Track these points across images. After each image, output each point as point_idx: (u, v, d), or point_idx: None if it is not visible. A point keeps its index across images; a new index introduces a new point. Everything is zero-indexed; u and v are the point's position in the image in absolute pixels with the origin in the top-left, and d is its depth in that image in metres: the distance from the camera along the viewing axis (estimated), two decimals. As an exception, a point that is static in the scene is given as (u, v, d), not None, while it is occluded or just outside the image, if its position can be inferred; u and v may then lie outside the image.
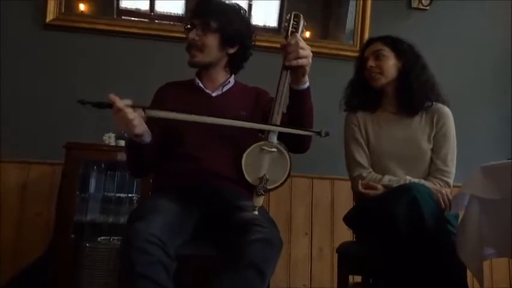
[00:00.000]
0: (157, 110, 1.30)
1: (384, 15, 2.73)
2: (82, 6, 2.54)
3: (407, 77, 1.67)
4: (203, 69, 1.56)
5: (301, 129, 1.30)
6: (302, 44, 1.22)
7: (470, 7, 2.89)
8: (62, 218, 2.00)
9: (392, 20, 2.71)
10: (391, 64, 1.69)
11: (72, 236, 2.03)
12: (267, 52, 2.29)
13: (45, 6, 2.40)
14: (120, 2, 2.64)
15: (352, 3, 2.80)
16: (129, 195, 2.16)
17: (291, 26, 1.26)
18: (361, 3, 2.75)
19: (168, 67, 2.32)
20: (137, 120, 1.22)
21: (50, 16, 2.42)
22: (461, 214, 1.41)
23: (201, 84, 1.55)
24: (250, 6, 2.71)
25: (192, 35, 1.48)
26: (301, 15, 1.28)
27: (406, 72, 1.68)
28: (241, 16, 1.56)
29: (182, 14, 2.61)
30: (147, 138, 1.32)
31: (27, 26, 2.41)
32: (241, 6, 1.58)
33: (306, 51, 1.23)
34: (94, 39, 2.48)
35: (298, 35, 1.25)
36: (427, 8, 2.83)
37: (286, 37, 1.26)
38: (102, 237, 2.11)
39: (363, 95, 1.75)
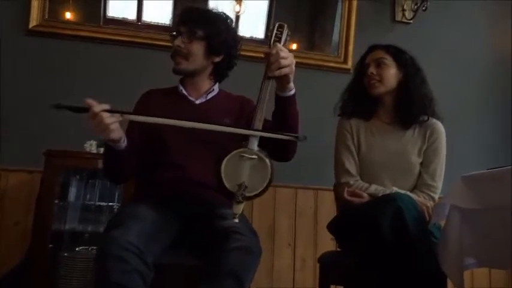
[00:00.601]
0: (135, 114, 1.28)
1: (368, 28, 2.77)
2: (68, 15, 2.52)
3: (408, 88, 1.67)
4: (187, 77, 1.55)
5: (279, 134, 1.28)
6: (283, 53, 1.22)
7: (453, 21, 2.94)
8: (39, 227, 1.96)
9: (377, 32, 2.74)
10: (391, 73, 1.69)
11: (50, 245, 1.99)
12: (252, 62, 2.30)
13: (28, 12, 2.38)
14: (107, 11, 2.62)
15: (337, 16, 2.84)
16: (110, 203, 2.12)
17: (274, 36, 1.26)
18: (346, 16, 2.79)
19: (154, 75, 2.30)
20: (114, 125, 1.21)
21: (33, 22, 2.39)
22: (442, 224, 1.41)
23: (184, 92, 1.54)
24: (237, 17, 2.72)
25: (178, 42, 1.47)
26: (285, 26, 1.28)
27: (406, 84, 1.68)
28: (228, 25, 1.56)
29: (169, 24, 2.60)
30: (123, 144, 1.30)
31: (9, 31, 2.38)
32: (228, 16, 1.59)
33: (288, 59, 1.23)
34: (78, 46, 2.45)
35: (281, 44, 1.25)
36: (411, 21, 2.87)
37: (269, 46, 1.26)
38: (80, 247, 2.06)
39: (359, 101, 1.74)
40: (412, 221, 1.34)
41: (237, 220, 1.16)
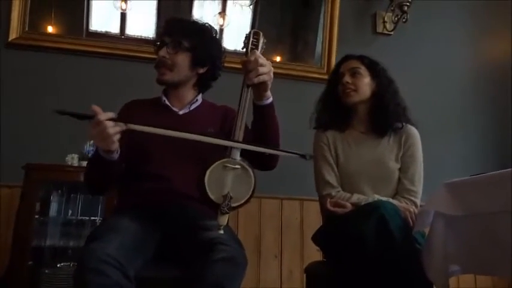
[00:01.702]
0: (139, 124, 1.24)
1: (350, 39, 2.81)
2: (50, 28, 2.50)
3: (383, 98, 1.69)
4: (171, 88, 1.53)
5: (283, 151, 1.27)
6: (262, 60, 1.22)
7: (433, 32, 3.01)
8: (18, 243, 1.90)
9: (358, 44, 2.79)
10: (366, 83, 1.71)
11: (30, 262, 1.93)
12: (236, 74, 2.29)
13: (7, 25, 2.35)
14: (90, 25, 2.61)
15: (319, 28, 2.87)
16: (92, 218, 2.08)
17: (250, 43, 1.25)
18: (329, 27, 2.83)
19: (136, 87, 2.28)
20: (116, 136, 1.18)
21: (12, 35, 2.37)
22: (426, 231, 1.41)
23: (167, 103, 1.52)
24: (221, 30, 2.74)
25: (163, 52, 1.46)
26: (261, 33, 1.27)
27: (380, 93, 1.70)
28: (213, 36, 1.57)
29: (153, 37, 2.60)
30: (116, 155, 1.27)
31: (-12, 44, 2.35)
32: (213, 27, 1.58)
33: (266, 67, 1.22)
34: (59, 58, 2.43)
35: (258, 51, 1.24)
36: (391, 33, 2.92)
37: (246, 54, 1.26)
38: (62, 263, 2.01)
39: (333, 112, 1.75)
40: (395, 228, 1.34)
41: (222, 231, 1.15)
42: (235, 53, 2.72)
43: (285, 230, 2.56)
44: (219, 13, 2.77)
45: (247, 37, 1.27)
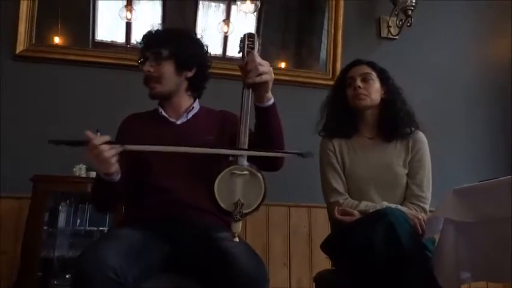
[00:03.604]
0: (136, 145, 1.24)
1: (354, 45, 2.80)
2: (57, 39, 2.52)
3: (394, 105, 1.68)
4: (165, 99, 1.52)
5: (282, 152, 1.26)
6: (260, 60, 1.21)
7: (438, 35, 3.00)
8: (27, 254, 1.91)
9: (363, 48, 2.77)
10: (376, 89, 1.70)
11: (39, 273, 1.94)
12: (240, 81, 2.30)
13: (15, 38, 2.38)
14: (96, 35, 2.63)
15: (324, 34, 2.87)
16: (100, 228, 2.08)
17: (246, 46, 1.25)
18: (333, 33, 2.83)
19: (142, 97, 2.30)
20: (114, 159, 1.18)
21: (20, 47, 2.39)
22: (437, 238, 1.40)
23: (164, 114, 1.51)
24: (226, 38, 2.75)
25: (147, 67, 1.45)
26: (256, 35, 1.26)
27: (390, 100, 1.70)
28: (192, 37, 1.55)
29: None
30: (117, 176, 1.26)
31: (-4, 57, 2.37)
32: (190, 29, 1.57)
33: (266, 67, 1.21)
34: (66, 69, 2.45)
35: (255, 52, 1.23)
36: (396, 37, 2.92)
37: (243, 58, 1.24)
38: (71, 274, 2.01)
39: (340, 117, 1.74)
40: (405, 236, 1.33)
41: (237, 239, 1.13)
42: (240, 60, 2.75)
43: (293, 237, 2.55)
44: (223, 21, 2.78)
45: (242, 40, 1.26)
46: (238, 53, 1.26)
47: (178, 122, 1.50)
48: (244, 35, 1.26)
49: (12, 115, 2.34)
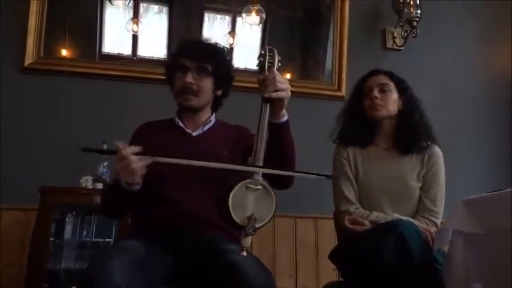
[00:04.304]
0: (165, 157, 1.23)
1: (360, 56, 2.81)
2: (64, 52, 2.55)
3: (412, 117, 1.67)
4: (191, 112, 1.52)
5: (308, 173, 1.25)
6: (279, 77, 1.22)
7: (443, 46, 3.00)
8: (34, 266, 1.92)
9: (368, 59, 2.77)
10: (394, 99, 1.69)
11: (46, 285, 1.94)
12: (247, 92, 2.32)
13: (23, 50, 2.40)
14: (103, 47, 2.66)
15: (329, 45, 2.89)
16: (106, 239, 2.08)
17: (267, 61, 1.26)
18: (338, 44, 2.84)
19: (150, 108, 2.31)
20: (142, 171, 1.18)
21: (28, 60, 2.42)
22: (445, 249, 1.38)
23: (181, 124, 1.52)
24: (231, 49, 2.77)
25: (189, 78, 1.45)
26: (275, 50, 1.27)
27: (408, 112, 1.69)
28: (227, 57, 1.58)
29: (164, 58, 2.63)
30: (138, 187, 1.27)
31: (5, 69, 2.40)
32: (224, 46, 1.59)
33: (284, 84, 1.22)
34: (74, 82, 2.47)
35: (275, 69, 1.25)
36: (401, 48, 2.92)
37: (261, 72, 1.25)
38: (77, 286, 2.00)
39: (356, 126, 1.73)
40: (416, 248, 1.32)
41: (245, 253, 1.13)
42: (246, 71, 2.77)
43: (299, 248, 2.53)
44: (229, 32, 2.80)
45: (263, 55, 1.26)
46: (257, 66, 1.27)
47: (194, 134, 1.51)
48: (265, 50, 1.27)
49: (21, 127, 2.36)
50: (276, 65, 1.25)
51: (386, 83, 1.70)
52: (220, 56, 1.53)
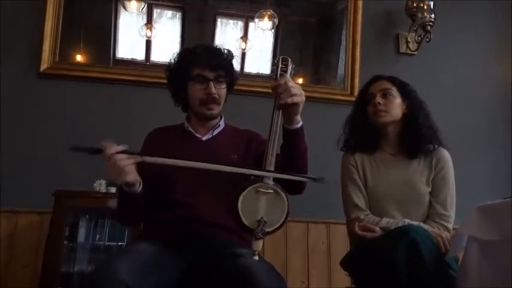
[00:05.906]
0: (154, 156, 1.25)
1: (373, 60, 2.79)
2: (79, 57, 2.59)
3: (416, 120, 1.66)
4: (207, 119, 1.54)
5: (297, 176, 1.26)
6: (291, 83, 1.22)
7: (457, 51, 2.97)
8: (48, 269, 1.93)
9: (382, 64, 2.76)
10: (397, 104, 1.69)
11: (59, 288, 1.95)
12: (259, 97, 2.33)
13: (39, 56, 2.44)
14: (116, 53, 2.69)
15: (342, 50, 2.88)
16: (119, 243, 2.09)
17: (279, 69, 1.26)
18: (351, 49, 2.83)
19: (163, 113, 2.32)
20: (128, 168, 1.19)
21: (44, 65, 2.46)
22: (460, 256, 1.37)
23: (191, 129, 1.53)
24: (243, 54, 2.78)
25: (214, 89, 1.47)
26: (289, 59, 1.28)
27: (412, 116, 1.68)
28: (233, 63, 1.59)
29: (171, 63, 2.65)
30: (138, 188, 1.27)
31: (21, 74, 2.44)
32: (228, 49, 1.59)
33: (298, 89, 1.22)
34: (88, 87, 2.50)
35: (288, 76, 1.25)
36: (415, 52, 2.90)
37: (275, 80, 1.26)
38: None
39: (362, 133, 1.73)
40: (428, 254, 1.30)
41: (256, 257, 1.13)
42: (258, 76, 2.78)
43: (311, 254, 2.52)
44: (241, 37, 2.81)
45: (276, 63, 1.27)
46: (271, 73, 1.28)
47: (204, 138, 1.52)
48: (278, 59, 1.28)
49: (36, 131, 2.39)
50: (289, 72, 1.25)
51: (388, 88, 1.70)
52: (230, 62, 1.55)
